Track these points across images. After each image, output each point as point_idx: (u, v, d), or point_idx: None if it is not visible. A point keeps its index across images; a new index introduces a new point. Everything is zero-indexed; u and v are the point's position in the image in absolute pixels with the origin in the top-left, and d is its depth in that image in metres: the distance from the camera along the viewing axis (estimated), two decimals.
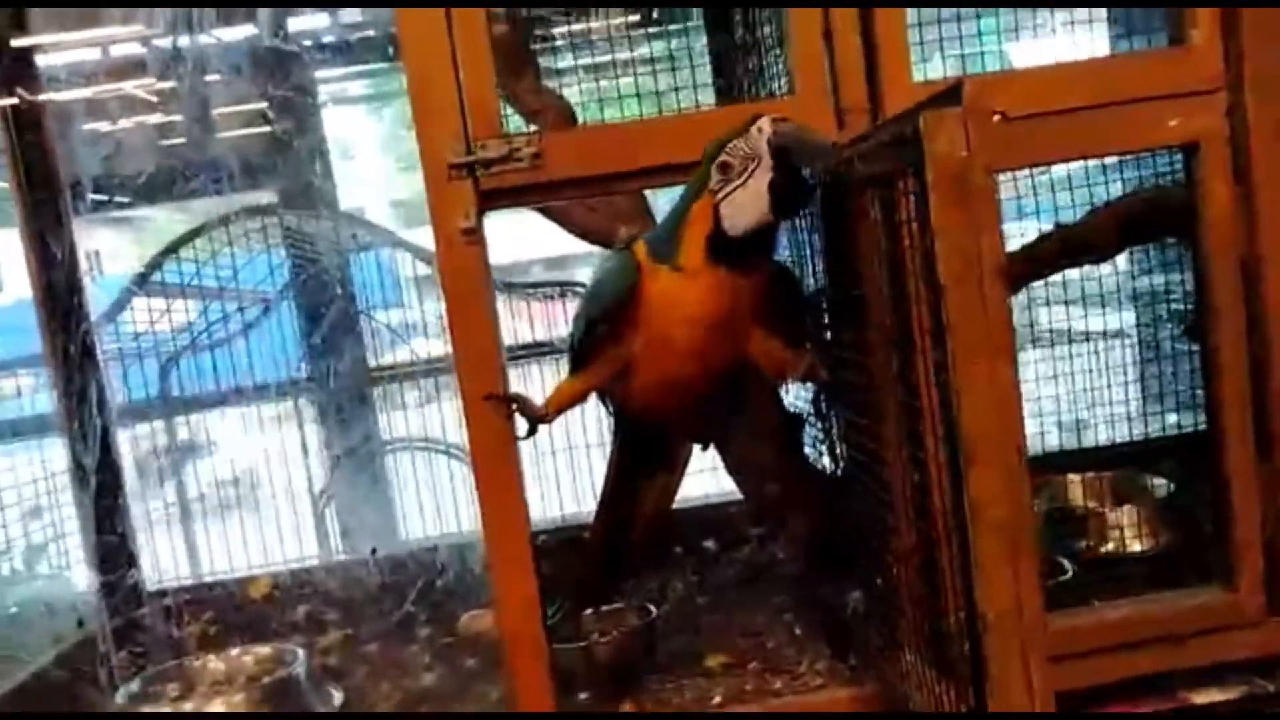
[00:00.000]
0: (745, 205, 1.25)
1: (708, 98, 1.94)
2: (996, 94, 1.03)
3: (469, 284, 1.36)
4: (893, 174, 1.06)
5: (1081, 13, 2.09)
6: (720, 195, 1.27)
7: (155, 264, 3.01)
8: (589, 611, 1.73)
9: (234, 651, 1.94)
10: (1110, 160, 2.02)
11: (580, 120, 1.81)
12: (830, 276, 1.37)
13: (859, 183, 1.17)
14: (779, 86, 1.62)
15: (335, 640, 2.08)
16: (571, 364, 1.45)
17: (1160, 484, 1.97)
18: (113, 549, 2.26)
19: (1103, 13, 2.15)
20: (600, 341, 1.40)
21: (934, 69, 1.78)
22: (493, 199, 1.38)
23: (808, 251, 1.52)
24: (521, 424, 1.39)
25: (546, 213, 1.80)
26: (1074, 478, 2.03)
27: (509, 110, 1.74)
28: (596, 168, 1.41)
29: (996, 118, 0.94)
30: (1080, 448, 2.26)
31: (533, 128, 1.77)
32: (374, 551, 2.25)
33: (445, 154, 1.36)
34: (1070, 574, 1.72)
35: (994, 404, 0.95)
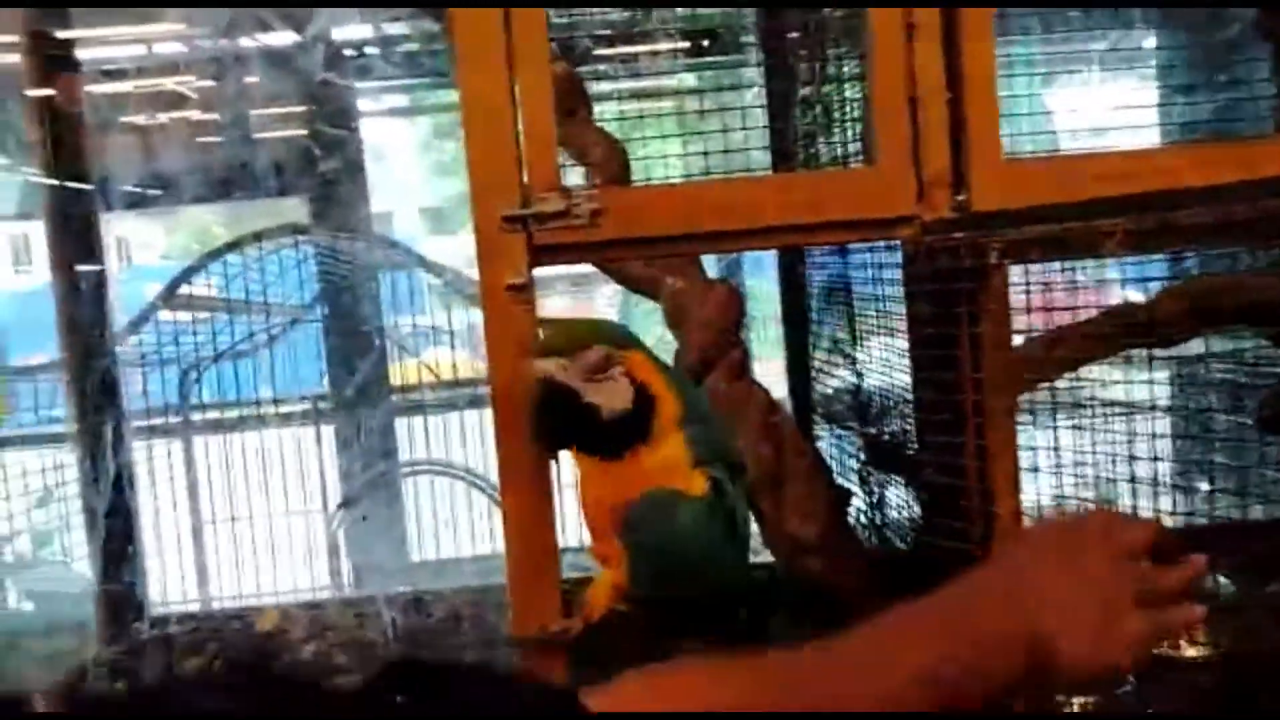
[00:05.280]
0: None
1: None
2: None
3: (515, 344, 1.29)
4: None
5: (1122, 54, 2.00)
6: None
7: (183, 278, 2.95)
8: None
9: None
10: None
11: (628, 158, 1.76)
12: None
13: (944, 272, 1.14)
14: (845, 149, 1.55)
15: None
16: None
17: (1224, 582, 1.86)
18: (118, 567, 2.20)
19: (1146, 52, 2.05)
20: None
21: None
22: (545, 254, 1.31)
23: None
24: None
25: None
26: None
27: None
28: (653, 229, 1.33)
29: None
30: None
31: (581, 169, 1.71)
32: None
33: (499, 204, 1.29)
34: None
35: None
